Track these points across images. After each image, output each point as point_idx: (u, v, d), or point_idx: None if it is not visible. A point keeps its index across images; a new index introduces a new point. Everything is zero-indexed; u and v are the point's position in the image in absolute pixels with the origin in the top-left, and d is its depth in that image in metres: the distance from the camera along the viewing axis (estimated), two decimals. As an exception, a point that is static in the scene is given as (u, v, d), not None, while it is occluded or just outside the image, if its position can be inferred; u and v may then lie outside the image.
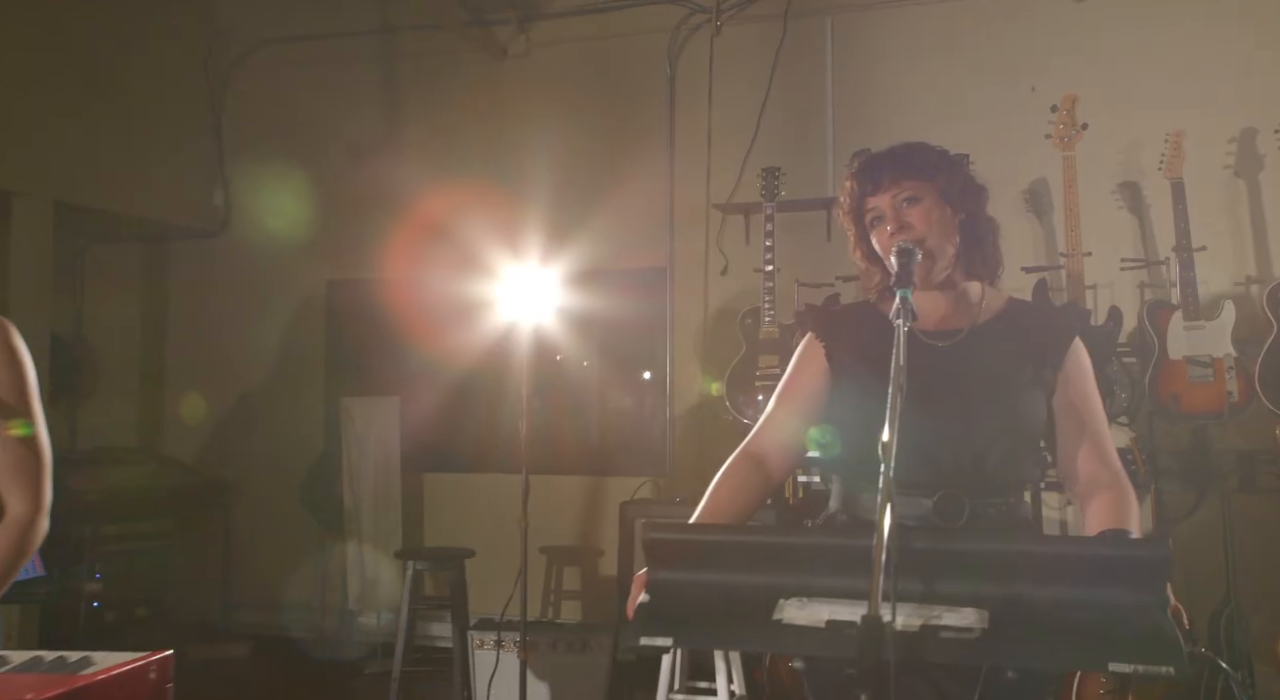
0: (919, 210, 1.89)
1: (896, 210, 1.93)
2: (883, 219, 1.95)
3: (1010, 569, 1.44)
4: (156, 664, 1.32)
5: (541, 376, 5.86)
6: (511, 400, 5.95)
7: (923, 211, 1.88)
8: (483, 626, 4.35)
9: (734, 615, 1.48)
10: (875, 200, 1.96)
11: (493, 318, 5.23)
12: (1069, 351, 1.87)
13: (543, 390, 5.96)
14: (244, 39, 6.33)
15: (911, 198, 1.91)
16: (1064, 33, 5.04)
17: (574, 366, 5.94)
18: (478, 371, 5.77)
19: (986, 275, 1.95)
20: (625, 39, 5.73)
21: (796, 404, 2.07)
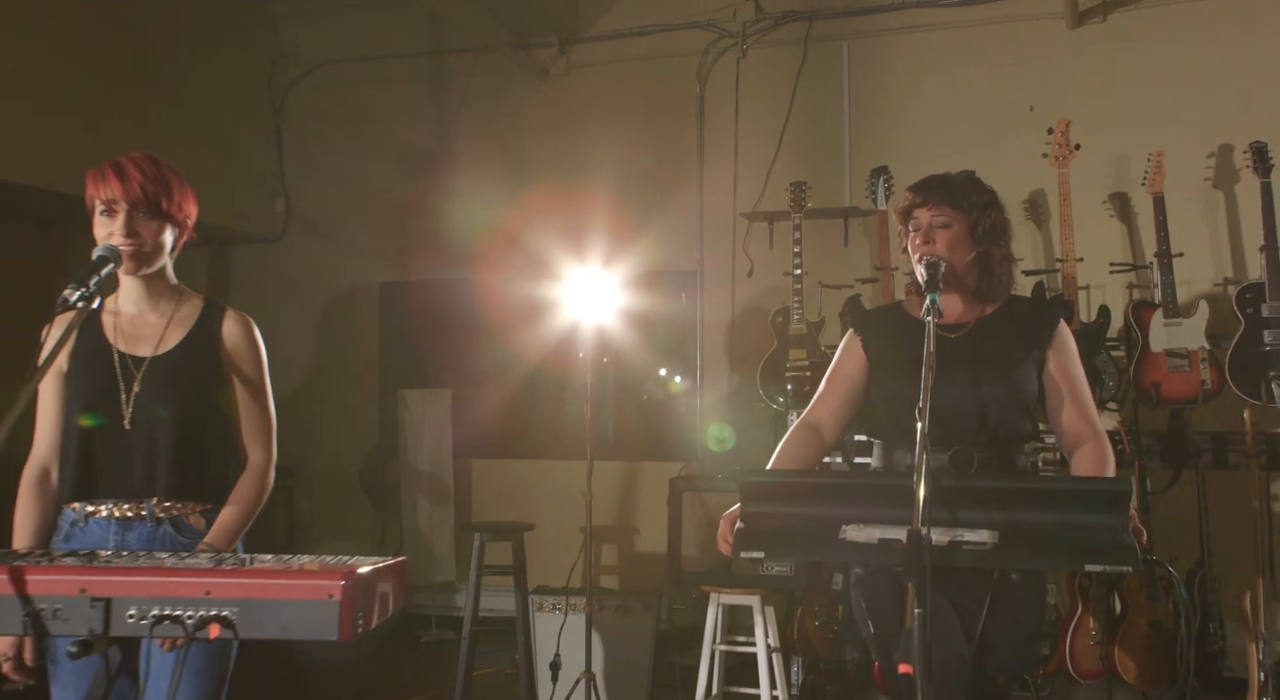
0: (945, 234, 2.38)
1: (929, 227, 2.41)
2: (919, 229, 2.43)
3: (1013, 500, 1.96)
4: (401, 565, 1.83)
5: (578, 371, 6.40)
6: (552, 391, 6.50)
7: (948, 237, 2.37)
8: (539, 592, 4.86)
9: (809, 536, 2.01)
10: (920, 212, 2.43)
11: (536, 315, 5.80)
12: (1055, 334, 2.38)
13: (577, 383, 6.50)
14: (305, 60, 6.85)
15: (945, 223, 2.39)
16: (1060, 57, 5.55)
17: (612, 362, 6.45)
18: (522, 365, 6.28)
19: (991, 297, 2.43)
20: (658, 61, 6.25)
21: (841, 385, 2.57)
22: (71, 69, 5.40)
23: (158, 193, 2.17)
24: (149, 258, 2.19)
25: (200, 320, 2.28)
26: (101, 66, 5.61)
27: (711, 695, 4.24)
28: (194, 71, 6.26)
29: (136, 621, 1.62)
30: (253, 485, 2.27)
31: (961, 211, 2.41)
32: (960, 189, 2.45)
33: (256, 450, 2.31)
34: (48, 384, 2.24)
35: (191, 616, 1.61)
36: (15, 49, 5.10)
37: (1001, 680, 2.29)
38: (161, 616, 1.61)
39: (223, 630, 1.62)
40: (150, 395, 2.17)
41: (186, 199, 2.26)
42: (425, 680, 5.27)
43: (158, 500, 2.17)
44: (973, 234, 2.42)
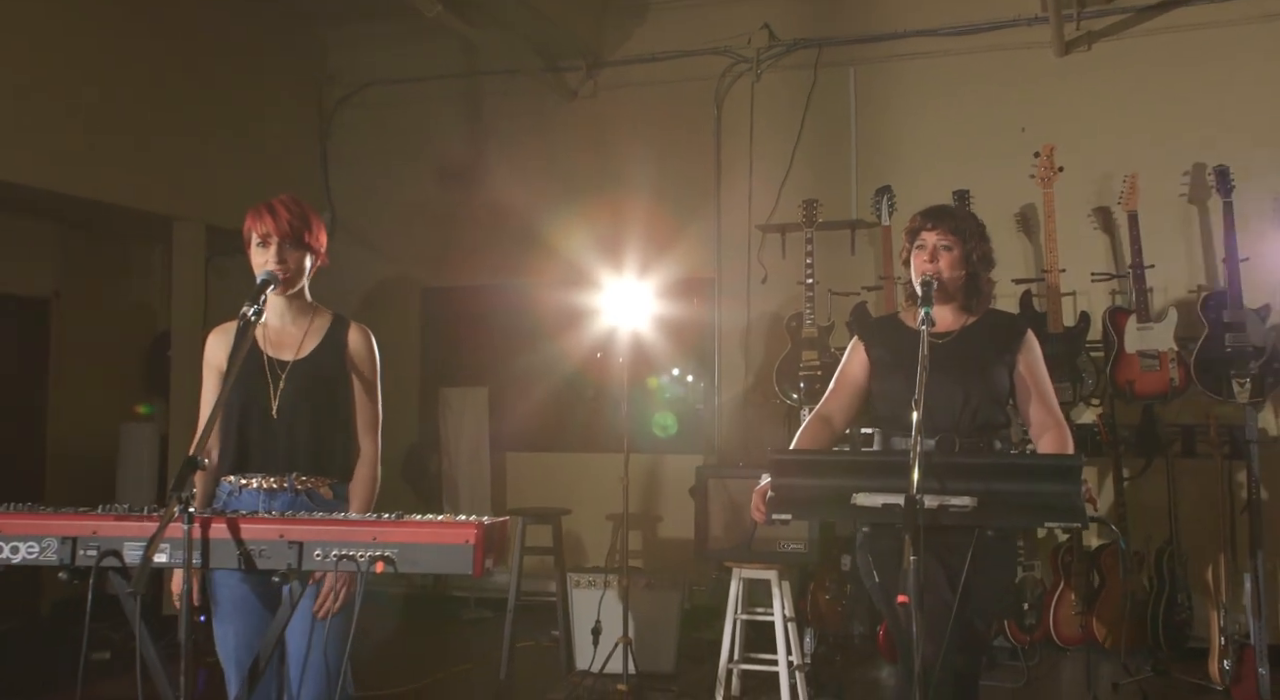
0: (947, 256, 2.88)
1: (934, 248, 2.90)
2: (924, 248, 2.92)
3: (989, 473, 2.48)
4: (506, 523, 2.34)
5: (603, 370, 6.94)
6: (581, 389, 7.03)
7: (948, 258, 2.87)
8: (574, 570, 5.39)
9: (826, 501, 2.53)
10: (927, 234, 2.91)
11: (567, 318, 6.35)
12: (1023, 341, 2.89)
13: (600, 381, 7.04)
14: (349, 82, 7.38)
15: (948, 246, 2.88)
16: (1049, 82, 6.06)
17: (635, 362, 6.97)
18: (553, 365, 6.81)
19: (973, 310, 2.93)
20: (679, 84, 6.76)
21: (848, 383, 3.08)
22: (133, 91, 5.90)
23: (301, 227, 2.70)
24: (293, 280, 2.72)
25: (330, 331, 2.80)
26: (161, 89, 6.11)
27: (734, 660, 4.75)
28: (247, 93, 6.79)
29: (322, 558, 2.15)
30: (368, 470, 2.79)
31: (961, 238, 2.91)
32: (962, 220, 2.97)
33: (368, 441, 2.83)
34: (211, 382, 2.77)
35: (363, 555, 2.14)
36: (79, 71, 5.57)
37: (980, 624, 2.81)
38: (341, 555, 2.14)
39: (386, 566, 2.14)
40: (292, 392, 2.69)
41: (321, 231, 2.78)
42: (467, 653, 5.79)
43: (297, 475, 2.69)
44: (967, 258, 2.92)
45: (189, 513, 2.11)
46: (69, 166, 5.51)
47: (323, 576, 2.57)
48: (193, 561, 2.13)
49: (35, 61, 5.32)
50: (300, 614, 2.53)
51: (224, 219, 6.61)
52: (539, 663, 5.49)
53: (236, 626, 2.66)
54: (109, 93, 5.74)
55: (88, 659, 5.26)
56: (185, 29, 6.28)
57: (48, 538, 2.15)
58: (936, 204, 3.06)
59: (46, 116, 5.36)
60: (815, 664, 5.12)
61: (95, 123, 5.64)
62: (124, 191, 5.90)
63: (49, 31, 5.42)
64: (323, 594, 2.58)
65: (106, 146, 5.71)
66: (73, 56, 5.53)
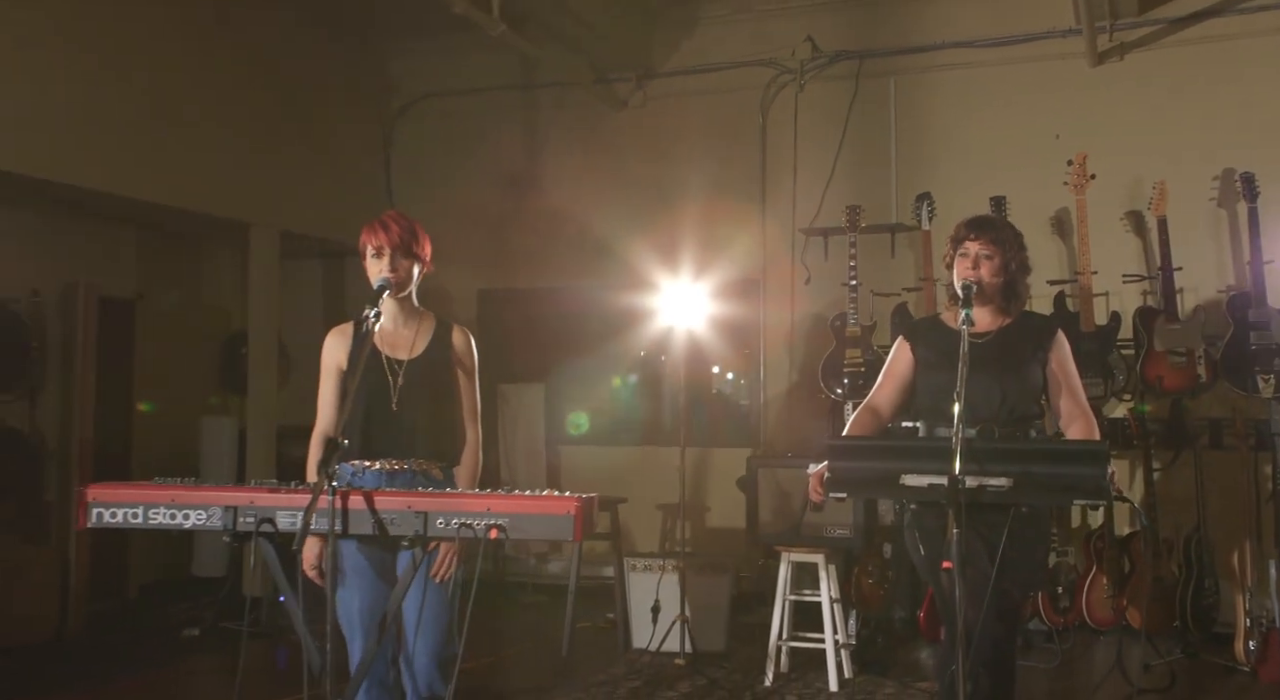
0: (988, 263, 3.18)
1: (976, 256, 3.20)
2: (967, 255, 3.22)
3: (1024, 456, 2.79)
4: (595, 498, 2.67)
5: (652, 367, 7.28)
6: (630, 385, 7.37)
7: (990, 265, 3.17)
8: (629, 555, 5.72)
9: (877, 481, 2.85)
10: (970, 243, 3.21)
11: (620, 318, 6.71)
12: (1054, 340, 3.20)
13: (650, 380, 7.38)
14: (411, 93, 7.77)
15: (989, 255, 3.17)
16: (1083, 91, 6.31)
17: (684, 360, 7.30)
18: (604, 362, 7.16)
19: (1010, 312, 3.23)
20: (725, 94, 7.08)
21: (895, 378, 3.39)
22: (212, 104, 6.29)
23: (409, 239, 3.05)
24: (404, 286, 3.06)
25: (436, 332, 3.15)
26: (238, 102, 6.50)
27: (783, 638, 5.07)
28: (317, 105, 7.19)
29: (444, 526, 2.49)
30: (472, 454, 3.14)
31: (1001, 248, 3.21)
32: (1002, 230, 3.27)
33: (471, 428, 3.17)
34: (329, 379, 3.12)
35: (479, 524, 2.48)
36: (162, 86, 5.96)
37: (1016, 594, 3.12)
38: (461, 523, 2.49)
39: (499, 533, 2.49)
40: (409, 387, 3.04)
41: (426, 243, 3.13)
42: (525, 634, 6.15)
43: (415, 458, 3.04)
44: (1006, 266, 3.22)
45: (333, 486, 2.46)
46: (153, 175, 5.90)
47: (436, 546, 2.91)
48: (335, 528, 2.48)
49: (122, 78, 5.72)
50: (414, 581, 2.88)
51: (296, 224, 7.04)
52: (597, 642, 5.83)
53: (359, 593, 3.00)
54: (189, 106, 6.13)
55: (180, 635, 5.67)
56: (260, 46, 6.68)
57: (213, 507, 2.51)
58: (979, 214, 3.37)
59: (132, 129, 5.76)
60: (859, 645, 5.41)
61: (177, 134, 6.03)
62: (203, 198, 6.30)
63: (136, 51, 5.82)
64: (438, 561, 2.93)
65: (187, 156, 6.10)
66: (156, 73, 5.93)
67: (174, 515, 2.52)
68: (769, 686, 4.88)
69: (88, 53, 5.53)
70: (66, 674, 5.03)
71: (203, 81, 6.26)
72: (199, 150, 6.18)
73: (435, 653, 2.96)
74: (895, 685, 4.90)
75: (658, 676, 5.06)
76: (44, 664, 5.16)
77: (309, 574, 2.91)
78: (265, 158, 6.68)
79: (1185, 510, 5.32)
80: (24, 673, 4.94)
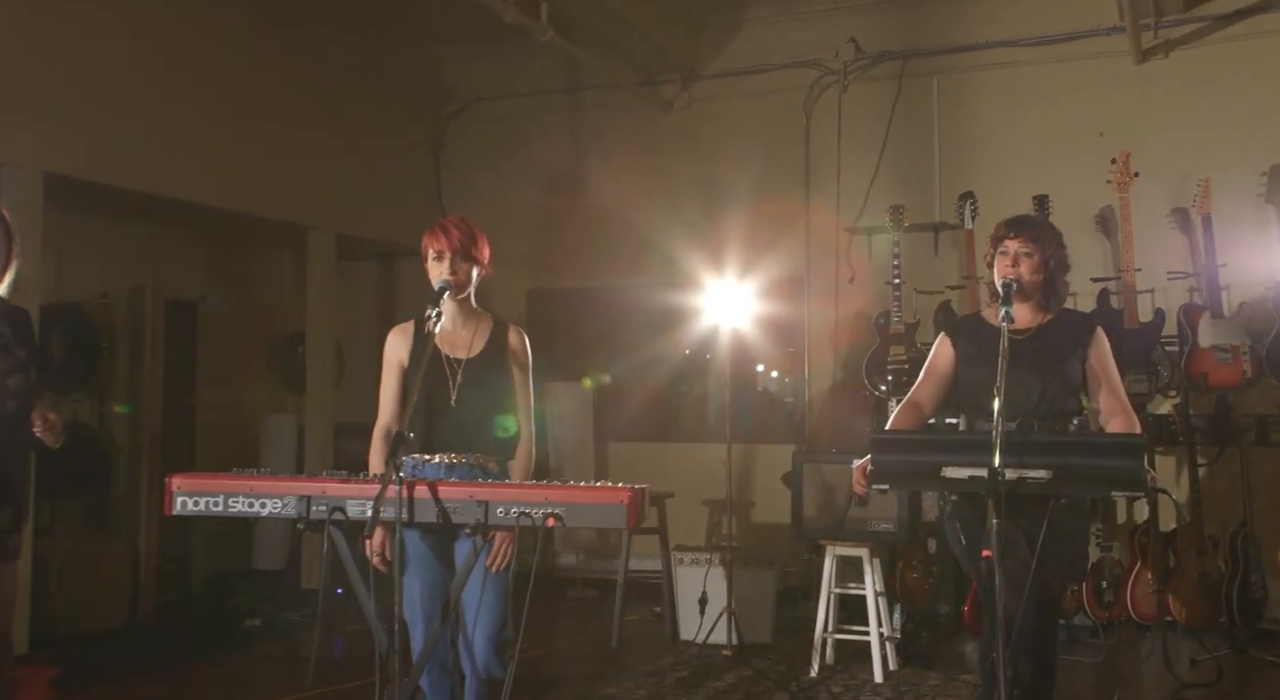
0: (1028, 262, 3.25)
1: (1016, 255, 3.28)
2: (1007, 253, 3.29)
3: (1062, 449, 2.87)
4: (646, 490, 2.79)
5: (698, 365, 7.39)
6: (678, 383, 7.49)
7: (1029, 263, 3.25)
8: (676, 549, 5.84)
9: (919, 473, 2.95)
10: (1010, 242, 3.28)
11: (666, 316, 6.83)
12: (1094, 337, 3.26)
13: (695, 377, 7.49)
14: (461, 96, 7.95)
15: (1029, 253, 3.25)
16: (1126, 89, 6.34)
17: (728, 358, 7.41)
18: (652, 360, 7.28)
19: (1049, 309, 3.30)
20: (769, 96, 7.18)
21: (936, 374, 3.47)
22: (269, 112, 6.50)
23: (469, 244, 3.19)
24: (463, 288, 3.21)
25: (493, 333, 3.29)
26: (295, 110, 6.72)
27: (828, 631, 5.17)
28: (370, 112, 7.38)
29: (504, 515, 2.63)
30: (526, 449, 3.27)
31: (1040, 246, 3.29)
32: (1042, 229, 3.34)
33: (525, 424, 3.30)
34: (391, 375, 3.28)
35: (538, 512, 2.62)
36: (222, 97, 6.18)
37: (1055, 584, 3.20)
38: (520, 512, 2.62)
39: (556, 521, 2.62)
40: (467, 385, 3.18)
41: (485, 246, 3.27)
42: (576, 626, 6.30)
43: (472, 453, 3.19)
44: (1045, 264, 3.29)
45: (399, 476, 2.61)
46: (216, 180, 6.12)
47: (493, 537, 3.05)
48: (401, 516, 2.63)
49: (187, 87, 5.93)
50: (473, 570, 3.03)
51: (351, 227, 7.24)
52: (645, 634, 5.96)
53: (421, 580, 3.15)
54: (249, 114, 6.35)
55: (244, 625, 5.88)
56: (316, 55, 6.89)
57: (288, 496, 2.68)
58: (1019, 214, 3.44)
59: (196, 136, 5.97)
60: (904, 638, 5.49)
61: (238, 141, 6.25)
62: (263, 203, 6.52)
63: (200, 61, 6.04)
64: (494, 551, 3.07)
65: (248, 162, 6.32)
66: (218, 82, 6.14)
67: (251, 504, 2.68)
68: (814, 678, 4.97)
69: (156, 64, 5.76)
70: (140, 658, 5.26)
71: (262, 90, 6.47)
72: (259, 156, 6.40)
73: (492, 637, 3.10)
74: (940, 677, 4.97)
75: (705, 667, 5.18)
76: (119, 649, 5.39)
77: (373, 561, 3.06)
78: (322, 163, 6.89)
79: (1231, 506, 5.34)
80: (101, 656, 5.18)
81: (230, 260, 7.68)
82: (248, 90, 6.37)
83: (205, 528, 7.08)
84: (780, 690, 4.75)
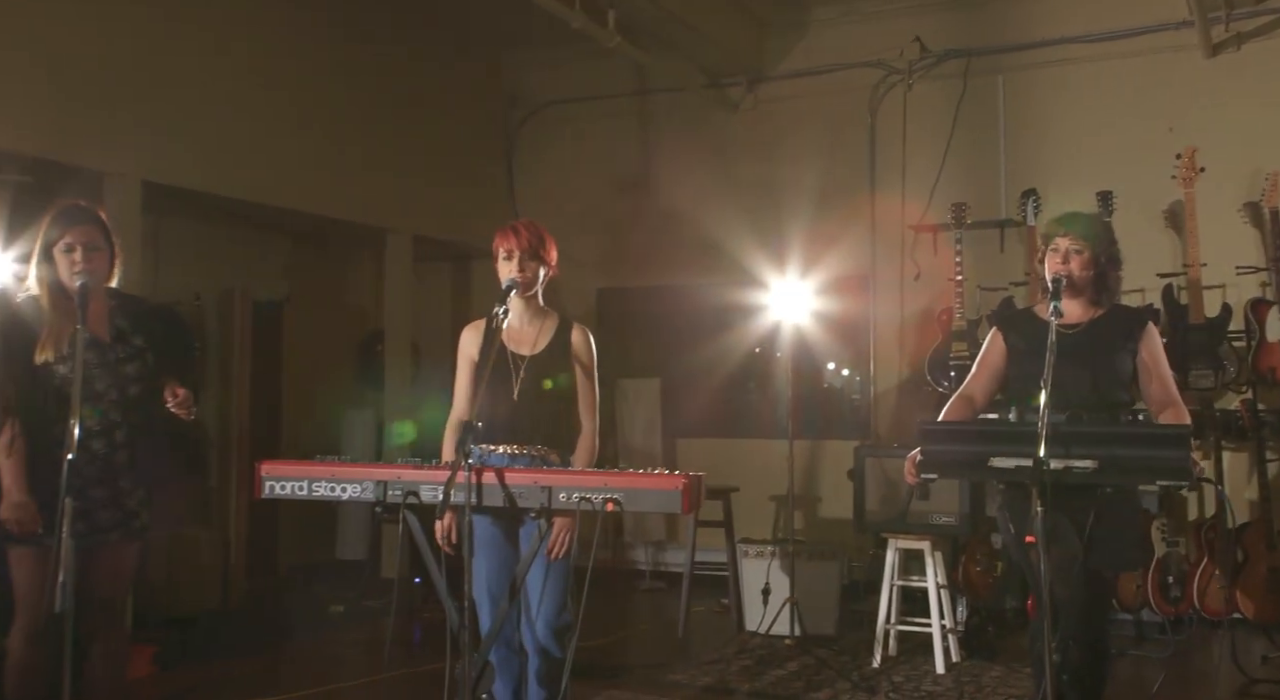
0: (1078, 258, 3.32)
1: (1066, 252, 3.35)
2: (1057, 251, 3.37)
3: (1108, 440, 2.95)
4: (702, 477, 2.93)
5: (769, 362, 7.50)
6: (745, 380, 7.61)
7: (1079, 259, 3.32)
8: (742, 542, 5.97)
9: (967, 463, 3.05)
10: (1060, 239, 3.35)
11: (732, 315, 6.96)
12: (1145, 331, 3.31)
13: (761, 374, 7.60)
14: (531, 101, 8.17)
15: (1079, 250, 3.31)
16: (1196, 84, 6.29)
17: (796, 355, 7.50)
18: (719, 357, 7.41)
19: (1101, 304, 3.36)
20: (834, 96, 7.26)
21: (988, 367, 3.55)
22: (349, 120, 6.78)
23: (537, 245, 3.37)
24: (529, 287, 3.39)
25: (558, 331, 3.47)
26: (373, 117, 6.99)
27: (890, 622, 5.25)
28: (444, 117, 7.64)
29: (566, 499, 2.80)
30: (588, 442, 3.43)
31: (1090, 242, 3.35)
32: (1092, 225, 3.41)
33: (588, 419, 3.46)
34: (464, 368, 3.47)
35: (597, 497, 2.78)
36: (305, 106, 6.48)
37: (1108, 574, 3.27)
38: (581, 497, 2.79)
39: (615, 505, 2.78)
40: (529, 380, 3.36)
41: (552, 248, 3.45)
42: (644, 616, 6.46)
43: (533, 445, 3.37)
44: (1096, 260, 3.36)
45: (468, 463, 2.79)
46: (300, 186, 6.42)
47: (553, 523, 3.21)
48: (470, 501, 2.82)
49: (272, 98, 6.24)
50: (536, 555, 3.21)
51: (427, 229, 7.50)
52: (711, 625, 6.10)
53: (488, 562, 3.34)
54: (330, 122, 6.64)
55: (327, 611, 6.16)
56: (392, 64, 7.17)
57: (366, 481, 2.88)
58: (1069, 211, 3.51)
59: (282, 144, 6.27)
60: (968, 632, 5.54)
61: (320, 149, 6.54)
62: (344, 207, 6.80)
63: (284, 75, 6.35)
64: (553, 538, 3.23)
65: (330, 168, 6.61)
66: (301, 93, 6.45)
67: (333, 488, 2.89)
68: (876, 668, 5.06)
69: (245, 80, 6.07)
70: (233, 640, 5.56)
71: (342, 99, 6.76)
72: (340, 163, 6.69)
73: (551, 620, 3.29)
74: (1002, 670, 5.03)
75: (768, 656, 5.30)
76: (213, 631, 5.70)
77: (441, 543, 3.25)
78: (399, 169, 7.16)
79: (1300, 499, 5.29)
80: (198, 638, 5.48)
81: (313, 262, 8.01)
82: (330, 102, 6.66)
83: (291, 519, 7.42)
84: (842, 679, 4.85)
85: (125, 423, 3.25)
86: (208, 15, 5.88)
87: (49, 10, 5.04)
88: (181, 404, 3.22)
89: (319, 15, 6.62)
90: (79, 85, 5.15)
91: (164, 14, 5.61)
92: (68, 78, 5.10)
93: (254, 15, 6.18)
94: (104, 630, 3.28)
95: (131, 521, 3.29)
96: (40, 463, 3.10)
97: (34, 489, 3.10)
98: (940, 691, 4.70)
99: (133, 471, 3.27)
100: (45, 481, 3.01)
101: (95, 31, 5.24)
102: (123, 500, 3.25)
